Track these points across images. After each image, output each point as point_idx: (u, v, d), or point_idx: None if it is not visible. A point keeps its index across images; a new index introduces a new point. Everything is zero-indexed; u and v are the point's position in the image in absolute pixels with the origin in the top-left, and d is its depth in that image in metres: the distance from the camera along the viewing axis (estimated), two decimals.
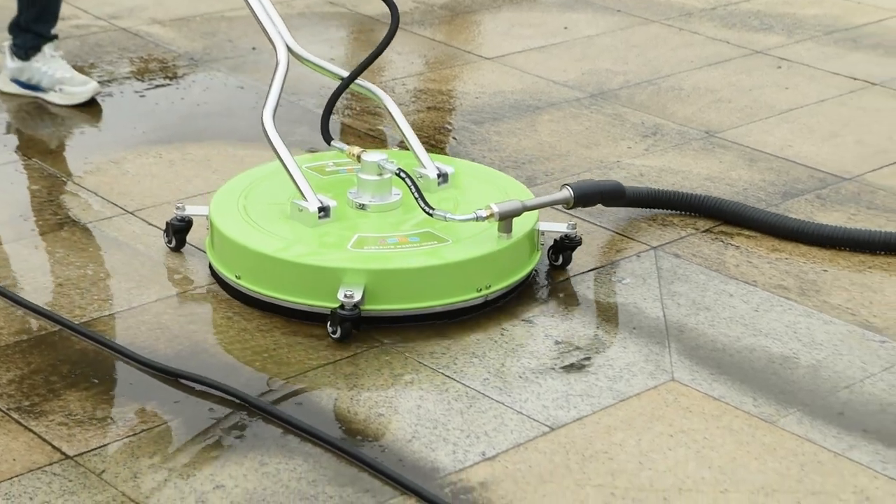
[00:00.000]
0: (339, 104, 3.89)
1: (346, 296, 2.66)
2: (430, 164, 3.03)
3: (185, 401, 2.52)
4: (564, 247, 2.97)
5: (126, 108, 3.81)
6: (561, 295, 2.91)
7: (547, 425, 2.47)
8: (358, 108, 3.84)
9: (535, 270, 2.94)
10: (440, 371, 2.62)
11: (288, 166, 2.87)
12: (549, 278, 2.97)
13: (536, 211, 2.90)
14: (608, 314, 2.84)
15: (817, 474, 2.35)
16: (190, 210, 3.02)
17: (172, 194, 3.29)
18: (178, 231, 3.01)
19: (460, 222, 2.80)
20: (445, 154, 3.52)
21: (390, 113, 3.09)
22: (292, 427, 2.44)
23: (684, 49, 4.34)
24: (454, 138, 3.67)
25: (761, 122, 3.79)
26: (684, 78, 4.11)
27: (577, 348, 2.72)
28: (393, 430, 2.45)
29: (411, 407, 2.52)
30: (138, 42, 4.27)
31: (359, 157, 2.95)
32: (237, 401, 2.51)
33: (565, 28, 4.49)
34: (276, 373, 2.61)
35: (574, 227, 2.96)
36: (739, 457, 2.39)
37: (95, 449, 2.38)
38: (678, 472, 2.35)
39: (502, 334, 2.76)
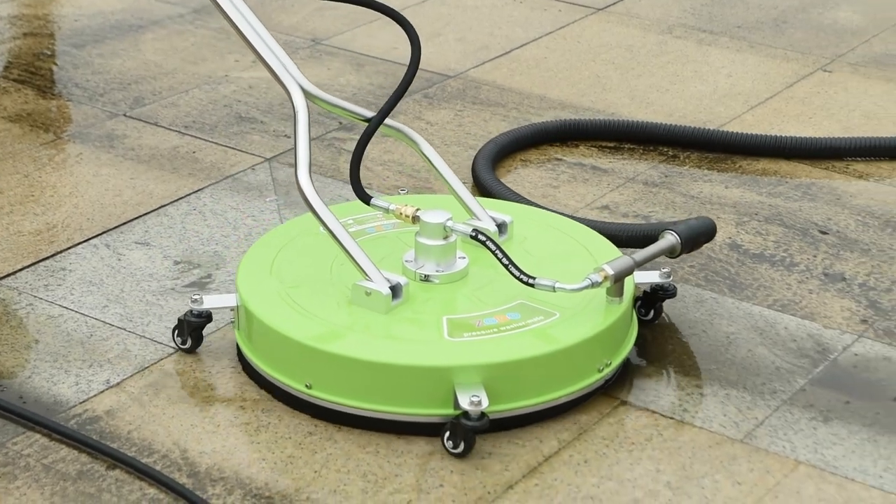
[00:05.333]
0: None
1: (472, 402, 2.18)
2: (484, 215, 2.50)
3: None
4: (657, 298, 2.52)
5: None
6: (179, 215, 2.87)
7: (172, 347, 2.45)
8: None
9: None
10: (56, 303, 2.55)
11: (341, 240, 2.32)
12: None
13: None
14: (227, 229, 2.82)
15: None
16: (210, 302, 2.42)
17: None
18: (196, 328, 2.42)
19: (571, 292, 2.30)
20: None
21: (426, 157, 2.54)
22: None
23: None
24: (56, 64, 3.55)
25: (365, 26, 3.82)
26: None
27: (197, 266, 2.69)
28: (10, 367, 2.38)
29: (28, 342, 2.45)
30: None
31: (414, 218, 2.43)
32: None
33: None
34: None
35: (669, 275, 2.50)
36: None
37: None
38: None
39: (119, 259, 2.70)
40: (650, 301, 2.51)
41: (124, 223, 2.83)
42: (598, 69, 3.57)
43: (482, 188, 2.91)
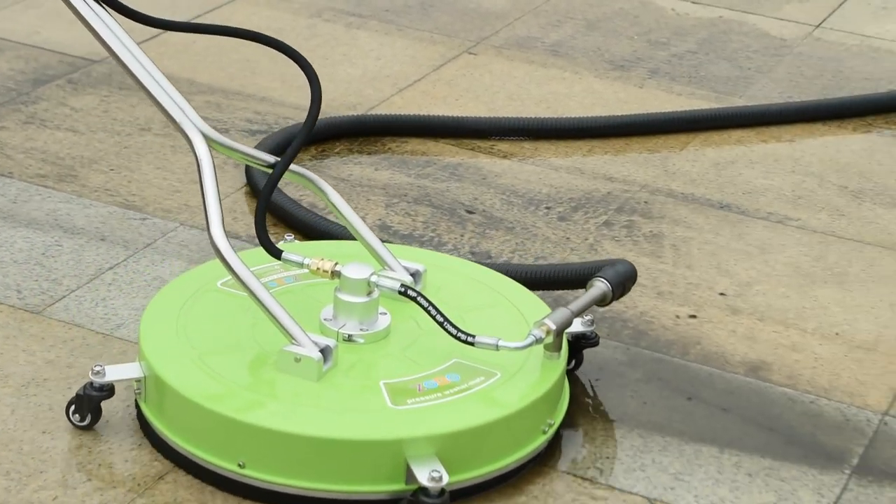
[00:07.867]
0: None
1: (432, 477, 1.98)
2: (397, 265, 2.30)
3: None
4: (580, 347, 2.37)
5: None
6: None
7: None
8: None
9: None
10: None
11: (263, 301, 2.10)
12: None
13: None
14: None
15: (88, 357, 2.36)
16: (113, 373, 2.16)
17: None
18: (98, 403, 2.17)
19: (515, 350, 2.14)
20: None
21: (333, 205, 2.33)
22: None
23: None
24: None
25: (6, 9, 3.69)
26: None
27: None
28: None
29: None
30: None
31: (334, 273, 2.21)
32: None
33: None
34: None
35: (591, 322, 2.36)
36: (7, 351, 2.35)
37: None
38: None
39: None
40: (573, 350, 2.37)
41: None
42: (247, 53, 3.55)
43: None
